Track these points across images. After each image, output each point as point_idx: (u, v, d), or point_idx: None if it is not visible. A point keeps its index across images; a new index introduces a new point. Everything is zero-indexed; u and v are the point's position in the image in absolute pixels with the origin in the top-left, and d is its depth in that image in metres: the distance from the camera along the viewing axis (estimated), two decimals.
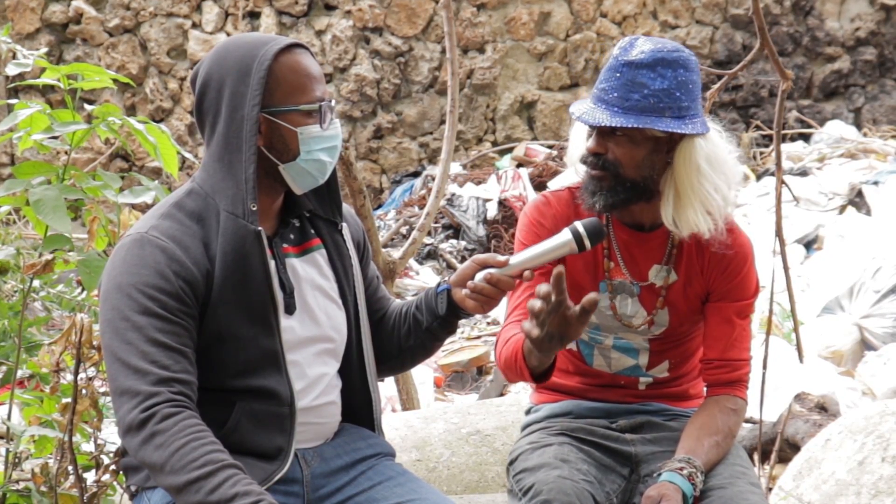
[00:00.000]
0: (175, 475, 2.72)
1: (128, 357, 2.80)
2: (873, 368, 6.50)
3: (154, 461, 2.75)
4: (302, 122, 2.97)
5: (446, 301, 3.19)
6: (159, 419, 2.75)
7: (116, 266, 2.89)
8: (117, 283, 2.87)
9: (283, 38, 2.99)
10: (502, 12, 12.59)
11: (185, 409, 2.78)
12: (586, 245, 3.15)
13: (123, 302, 2.84)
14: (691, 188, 3.33)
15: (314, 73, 2.99)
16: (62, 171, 3.75)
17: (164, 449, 2.73)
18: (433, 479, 4.37)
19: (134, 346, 2.80)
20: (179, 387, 2.80)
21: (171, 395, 2.78)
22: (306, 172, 3.00)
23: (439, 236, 10.52)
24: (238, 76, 2.93)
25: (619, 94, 3.27)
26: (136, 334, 2.81)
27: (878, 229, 8.47)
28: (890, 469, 3.91)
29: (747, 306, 3.51)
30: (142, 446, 2.76)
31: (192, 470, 2.71)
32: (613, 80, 3.29)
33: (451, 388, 7.30)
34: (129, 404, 2.77)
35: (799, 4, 12.92)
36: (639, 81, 3.26)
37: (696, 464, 3.29)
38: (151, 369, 2.78)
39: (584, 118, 3.31)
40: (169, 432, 2.74)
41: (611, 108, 3.28)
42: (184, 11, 12.33)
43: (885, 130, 12.05)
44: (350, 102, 12.43)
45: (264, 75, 2.92)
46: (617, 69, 3.29)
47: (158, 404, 2.76)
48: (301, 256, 3.10)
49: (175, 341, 2.83)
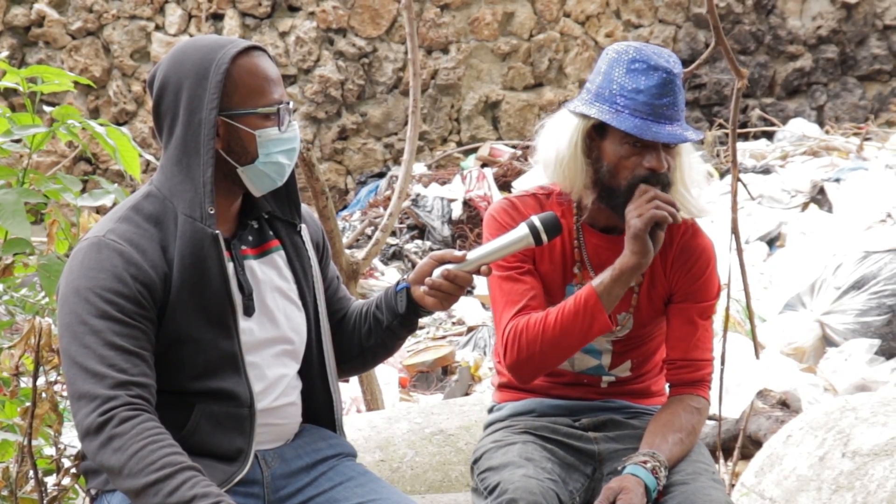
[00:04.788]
0: (133, 478, 2.72)
1: (85, 361, 2.80)
2: (834, 364, 6.54)
3: (112, 465, 2.75)
4: (260, 124, 2.97)
5: (406, 299, 3.19)
6: (117, 423, 2.75)
7: (74, 270, 2.89)
8: (74, 287, 2.87)
9: (240, 41, 2.98)
10: (466, 12, 12.59)
11: (142, 412, 2.78)
12: (543, 239, 3.15)
13: (81, 306, 2.84)
14: (693, 180, 3.41)
15: (272, 76, 2.99)
16: (22, 174, 3.74)
17: (122, 452, 2.73)
18: (396, 479, 4.37)
19: (91, 349, 2.80)
20: (137, 390, 2.80)
21: (128, 399, 2.78)
22: (265, 175, 3.00)
23: (404, 237, 10.52)
24: (195, 79, 2.93)
25: (680, 108, 3.32)
26: (93, 338, 2.81)
27: (840, 226, 8.52)
28: (850, 464, 3.93)
29: (710, 307, 3.53)
30: (100, 450, 2.76)
31: (150, 473, 2.71)
32: (672, 94, 3.30)
33: (417, 389, 7.30)
34: (87, 408, 2.77)
35: (761, 3, 12.97)
36: (680, 89, 3.32)
37: (659, 458, 3.30)
38: (109, 373, 2.78)
39: (670, 137, 3.29)
40: (127, 435, 2.74)
41: (675, 122, 3.30)
42: (147, 14, 12.29)
43: (846, 128, 12.10)
44: (314, 104, 12.41)
45: (222, 78, 2.92)
46: (669, 81, 3.30)
47: (116, 408, 2.76)
48: (260, 258, 3.09)
49: (133, 345, 2.83)
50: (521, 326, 3.39)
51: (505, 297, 3.46)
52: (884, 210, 8.62)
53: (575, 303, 3.33)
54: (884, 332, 6.76)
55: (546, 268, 3.47)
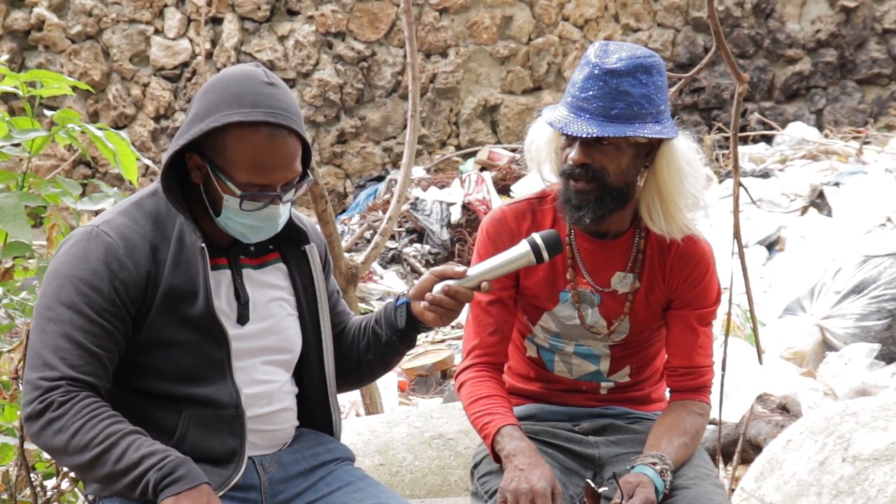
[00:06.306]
0: (79, 454, 2.77)
1: (40, 348, 2.84)
2: (834, 369, 6.53)
3: (56, 446, 2.79)
4: (229, 190, 2.93)
5: (405, 314, 3.18)
6: (56, 406, 2.78)
7: (62, 255, 2.92)
8: (55, 269, 2.90)
9: (263, 111, 2.88)
10: (464, 16, 12.59)
11: (79, 391, 2.80)
12: (544, 257, 3.15)
13: (54, 290, 2.87)
14: (676, 191, 3.34)
15: (267, 163, 2.90)
16: (21, 178, 3.74)
17: (64, 433, 2.77)
18: (396, 484, 4.37)
19: (49, 336, 2.83)
20: (80, 386, 2.82)
21: (68, 387, 2.80)
22: (232, 230, 3.00)
23: (403, 240, 10.51)
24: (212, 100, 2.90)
25: (604, 104, 3.24)
26: (54, 326, 2.84)
27: (839, 230, 8.51)
28: (850, 469, 3.92)
29: (710, 313, 3.52)
30: (41, 433, 2.80)
31: (94, 447, 2.76)
32: (596, 88, 3.26)
33: (416, 392, 7.29)
34: (30, 395, 2.82)
35: (760, 7, 12.98)
36: (622, 90, 3.24)
37: (667, 461, 3.30)
38: (58, 365, 2.81)
39: (570, 129, 3.26)
40: (66, 416, 2.77)
41: (596, 117, 3.25)
42: (146, 18, 12.28)
43: (846, 132, 12.11)
44: (313, 107, 12.41)
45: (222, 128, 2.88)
46: (599, 78, 3.26)
47: (54, 392, 2.79)
48: (259, 269, 3.09)
49: (91, 342, 2.84)
50: (459, 386, 3.49)
51: (470, 326, 3.52)
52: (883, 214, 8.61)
53: (482, 426, 3.40)
54: (884, 336, 6.75)
55: (539, 275, 3.47)
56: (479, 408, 3.41)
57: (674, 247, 3.45)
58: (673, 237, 3.40)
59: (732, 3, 12.93)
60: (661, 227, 3.37)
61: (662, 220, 3.36)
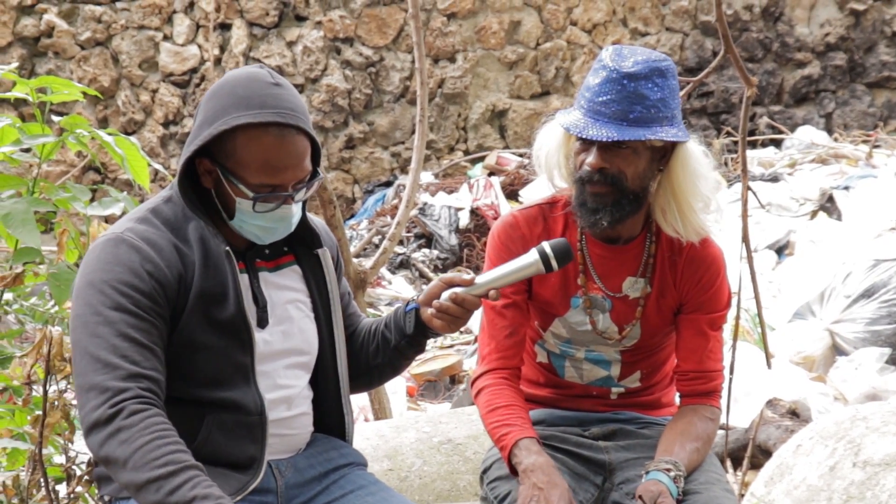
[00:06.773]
0: (136, 472, 2.71)
1: (97, 351, 2.79)
2: (844, 374, 6.51)
3: (117, 456, 2.73)
4: (241, 193, 2.94)
5: (414, 320, 3.18)
6: (126, 415, 2.74)
7: (90, 264, 2.89)
8: (90, 279, 2.87)
9: (271, 111, 2.89)
10: (472, 21, 12.60)
11: (151, 406, 2.77)
12: (553, 266, 3.14)
13: (96, 297, 2.84)
14: (691, 193, 3.34)
15: (277, 163, 2.91)
16: (32, 183, 3.75)
17: (129, 445, 2.72)
18: (405, 489, 4.37)
19: (104, 339, 2.80)
20: (148, 383, 2.79)
21: (139, 392, 2.77)
22: (246, 232, 3.01)
23: (412, 245, 10.52)
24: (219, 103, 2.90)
25: (622, 107, 3.24)
26: (107, 328, 2.80)
27: (849, 234, 8.49)
28: (861, 474, 3.92)
29: (720, 318, 3.52)
30: (106, 441, 2.74)
31: (154, 468, 2.70)
32: (614, 92, 3.25)
33: (424, 398, 7.29)
34: (97, 400, 2.76)
35: (768, 10, 12.97)
36: (640, 93, 3.24)
37: (680, 467, 3.30)
38: (121, 364, 2.78)
39: (588, 133, 3.26)
40: (134, 428, 2.72)
41: (614, 121, 3.25)
42: (155, 24, 12.30)
43: (855, 135, 12.10)
44: (322, 113, 12.41)
45: (227, 132, 2.89)
46: (617, 82, 3.25)
47: (126, 400, 2.75)
48: (275, 271, 3.10)
49: (146, 338, 2.83)
50: (477, 393, 3.50)
51: (485, 330, 3.52)
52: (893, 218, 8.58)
53: (499, 437, 3.39)
54: (894, 341, 6.73)
55: (551, 281, 3.46)
56: (496, 417, 3.41)
57: (685, 251, 3.45)
58: (689, 239, 3.40)
59: (741, 7, 12.92)
60: (678, 229, 3.37)
61: (679, 223, 3.37)
